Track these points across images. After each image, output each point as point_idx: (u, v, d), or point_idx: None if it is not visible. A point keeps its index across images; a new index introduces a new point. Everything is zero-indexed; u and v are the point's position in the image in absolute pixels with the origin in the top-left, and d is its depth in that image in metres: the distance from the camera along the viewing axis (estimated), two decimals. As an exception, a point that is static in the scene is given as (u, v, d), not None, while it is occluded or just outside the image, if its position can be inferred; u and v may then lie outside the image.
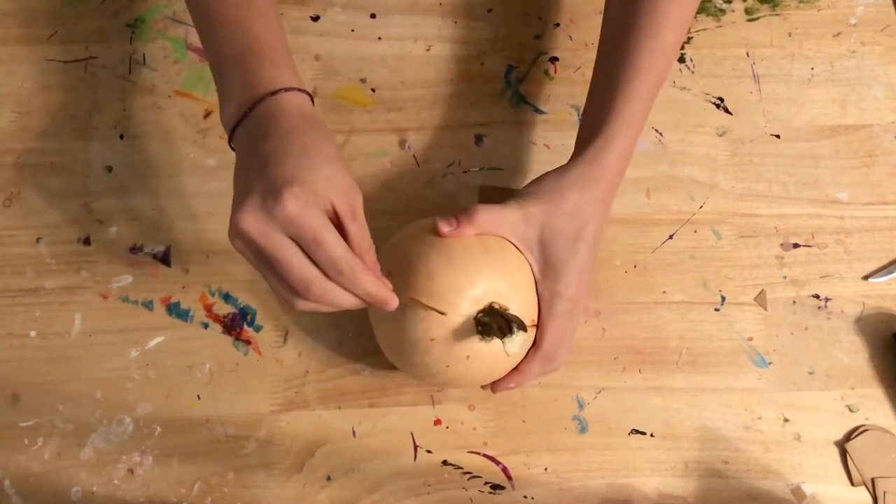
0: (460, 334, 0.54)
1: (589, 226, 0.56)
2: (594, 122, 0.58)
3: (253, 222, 0.47)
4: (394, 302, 0.51)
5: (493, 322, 0.53)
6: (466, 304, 0.54)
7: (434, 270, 0.54)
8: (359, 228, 0.49)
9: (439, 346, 0.54)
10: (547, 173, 0.58)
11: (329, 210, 0.48)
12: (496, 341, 0.53)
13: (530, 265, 0.56)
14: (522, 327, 0.53)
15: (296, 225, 0.46)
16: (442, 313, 0.53)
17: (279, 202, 0.46)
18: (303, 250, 0.48)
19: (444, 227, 0.55)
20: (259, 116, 0.51)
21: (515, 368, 0.57)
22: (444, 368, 0.55)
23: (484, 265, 0.54)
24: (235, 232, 0.47)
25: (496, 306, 0.54)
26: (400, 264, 0.55)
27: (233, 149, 0.54)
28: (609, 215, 0.59)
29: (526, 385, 0.64)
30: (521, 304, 0.55)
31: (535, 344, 0.57)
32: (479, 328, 0.53)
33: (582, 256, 0.56)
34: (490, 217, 0.56)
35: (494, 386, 0.58)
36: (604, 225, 0.57)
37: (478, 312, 0.54)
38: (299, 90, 0.53)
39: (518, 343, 0.53)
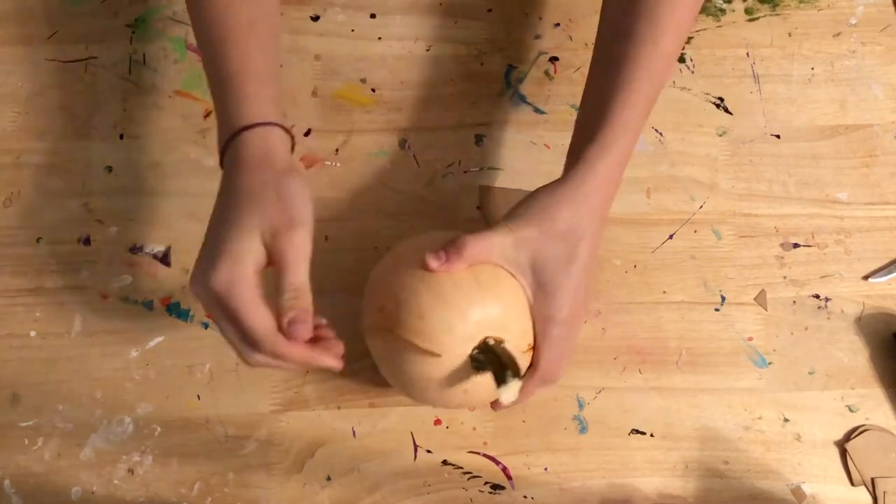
0: (456, 375, 0.53)
1: (583, 243, 0.54)
2: (588, 131, 0.56)
3: (195, 290, 0.51)
4: (334, 363, 0.52)
5: (488, 359, 0.52)
6: (460, 342, 0.53)
7: (426, 310, 0.53)
8: (282, 281, 0.50)
9: (436, 384, 0.54)
10: (538, 191, 0.56)
11: (268, 264, 0.51)
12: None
13: (524, 289, 0.55)
14: (517, 373, 0.52)
15: (221, 301, 0.49)
16: (437, 355, 0.53)
17: (209, 278, 0.49)
18: None
19: (433, 263, 0.53)
20: (231, 154, 0.54)
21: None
22: (440, 398, 0.55)
23: (476, 300, 0.53)
24: (191, 291, 0.51)
25: (490, 342, 0.53)
26: (391, 300, 0.54)
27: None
28: (605, 222, 0.57)
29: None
30: (517, 333, 0.54)
31: (532, 366, 0.55)
32: (475, 365, 0.53)
33: (575, 277, 0.54)
34: (479, 247, 0.54)
35: (494, 406, 0.59)
36: (600, 234, 0.56)
37: (473, 349, 0.53)
38: (264, 124, 0.53)
39: (513, 391, 0.52)
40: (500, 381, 0.51)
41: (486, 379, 0.53)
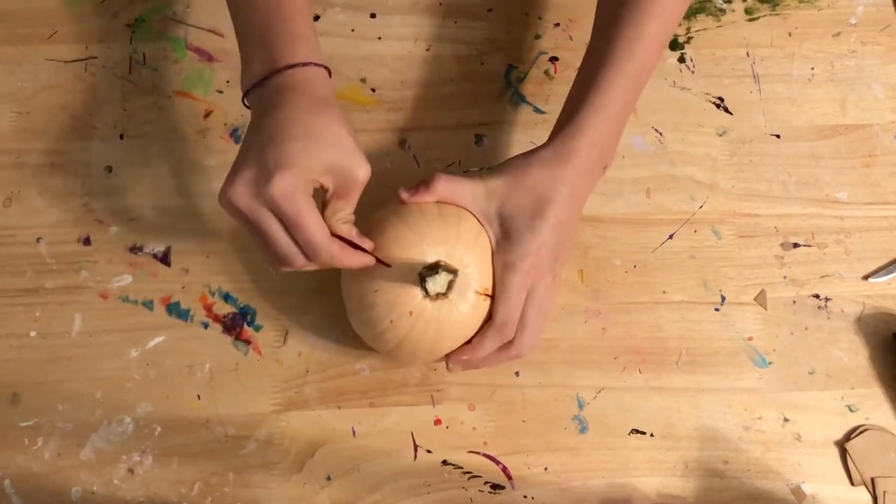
0: (402, 283, 0.54)
1: (551, 204, 0.55)
2: (568, 110, 0.58)
3: (242, 196, 0.50)
4: (369, 261, 0.54)
5: (440, 286, 0.53)
6: (414, 259, 0.54)
7: (386, 227, 0.56)
8: (339, 204, 0.53)
9: (383, 297, 0.55)
10: (516, 155, 0.58)
11: (321, 187, 0.52)
12: (441, 302, 0.54)
13: (489, 237, 0.57)
14: (451, 270, 0.53)
15: (280, 206, 0.50)
16: (387, 265, 0.54)
17: (269, 182, 0.49)
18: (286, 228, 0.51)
19: (404, 194, 0.57)
20: (274, 87, 0.53)
21: (468, 341, 0.57)
22: (389, 324, 0.55)
23: (435, 226, 0.55)
24: (226, 200, 0.51)
25: (442, 262, 0.54)
26: (364, 229, 0.56)
27: (246, 106, 0.56)
28: (581, 203, 0.58)
29: (525, 385, 0.64)
30: (473, 272, 0.55)
31: (489, 316, 0.56)
32: (422, 283, 0.53)
33: (541, 233, 0.55)
34: (451, 187, 0.57)
35: (448, 359, 0.58)
36: (572, 210, 0.57)
37: (423, 267, 0.54)
38: (316, 65, 0.54)
39: (440, 283, 0.53)
40: (431, 274, 0.52)
41: (433, 309, 0.54)
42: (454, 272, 0.54)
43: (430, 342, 0.56)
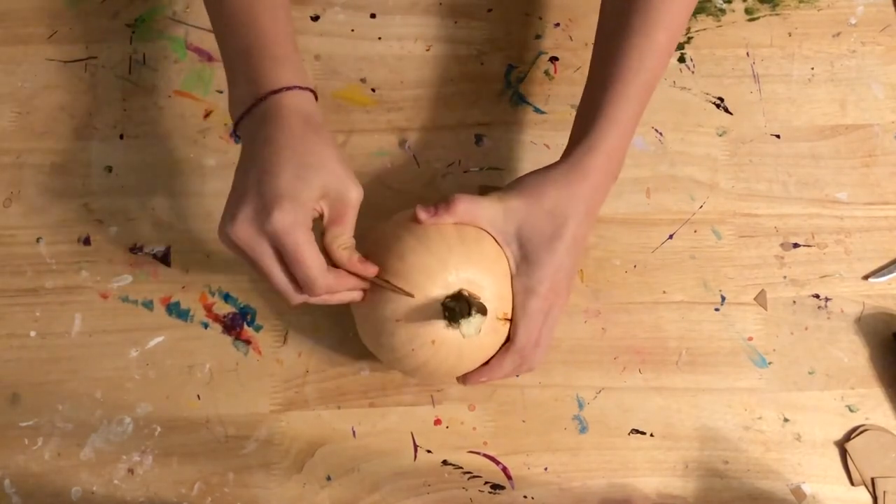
0: (425, 316, 0.53)
1: (568, 224, 0.55)
2: (583, 123, 0.58)
3: (243, 232, 0.50)
4: (359, 296, 0.55)
5: (460, 308, 0.53)
6: (435, 288, 0.54)
7: (406, 253, 0.55)
8: (337, 230, 0.53)
9: (405, 327, 0.54)
10: (532, 171, 0.58)
11: (318, 214, 0.53)
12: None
13: (507, 259, 0.56)
14: (482, 311, 0.52)
15: (280, 241, 0.50)
16: (409, 295, 0.54)
17: (269, 217, 0.49)
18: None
19: (423, 214, 0.56)
20: (261, 114, 0.53)
21: (486, 363, 0.57)
22: (410, 351, 0.55)
23: (456, 251, 0.54)
24: (225, 236, 0.51)
25: (465, 293, 0.53)
26: (377, 247, 0.56)
27: (237, 136, 0.56)
28: (595, 217, 0.58)
29: (525, 385, 0.64)
30: (494, 295, 0.55)
31: (508, 339, 0.56)
32: (446, 313, 0.53)
33: (559, 255, 0.55)
34: (470, 208, 0.56)
35: (464, 378, 0.58)
36: (588, 226, 0.57)
37: (445, 297, 0.53)
38: (301, 88, 0.54)
39: (474, 325, 0.53)
40: (465, 314, 0.52)
41: (455, 337, 0.54)
42: (484, 311, 0.52)
43: (449, 367, 0.56)
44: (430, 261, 0.54)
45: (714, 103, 0.71)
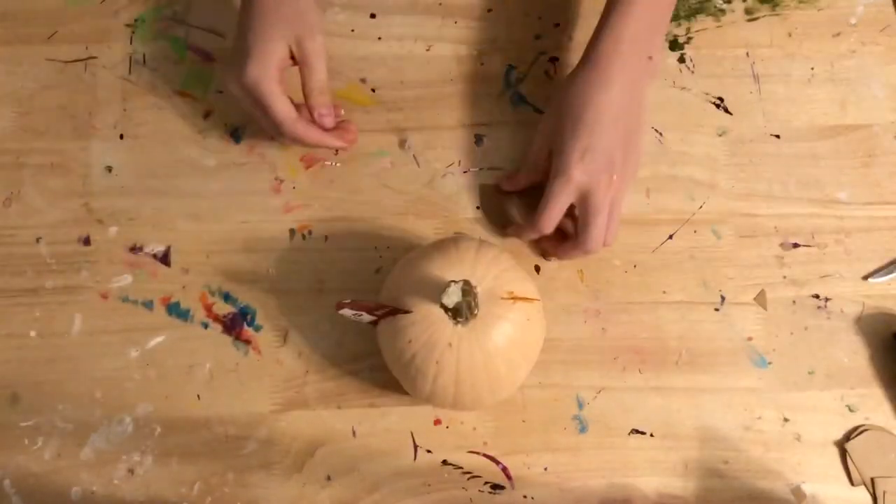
0: (430, 322, 0.54)
1: (589, 109, 0.60)
2: (601, 21, 0.63)
3: (230, 84, 0.62)
4: (340, 143, 0.66)
5: (456, 297, 0.53)
6: (426, 297, 0.55)
7: (401, 280, 0.58)
8: (304, 71, 0.62)
9: (417, 342, 0.55)
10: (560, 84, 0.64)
11: (293, 62, 0.62)
12: (473, 323, 0.54)
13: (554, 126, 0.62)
14: (466, 289, 0.53)
15: (251, 94, 0.61)
16: (407, 312, 0.55)
17: (241, 73, 0.60)
18: None
19: (505, 184, 0.66)
20: None
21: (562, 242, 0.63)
22: (436, 366, 0.55)
23: (453, 262, 0.56)
24: (225, 86, 0.64)
25: (452, 282, 0.54)
26: (385, 292, 0.59)
27: None
28: (635, 101, 0.62)
29: (525, 385, 0.64)
30: (492, 281, 0.56)
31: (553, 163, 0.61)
32: (446, 310, 0.54)
33: (583, 138, 0.60)
34: (532, 164, 0.65)
35: (531, 229, 0.63)
36: (620, 108, 0.60)
37: (439, 295, 0.54)
38: None
39: (452, 292, 0.53)
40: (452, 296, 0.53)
41: (470, 333, 0.54)
42: (465, 280, 0.53)
43: (482, 366, 0.55)
44: (419, 277, 0.56)
45: (714, 103, 0.71)
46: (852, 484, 0.63)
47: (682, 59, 0.72)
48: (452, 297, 0.53)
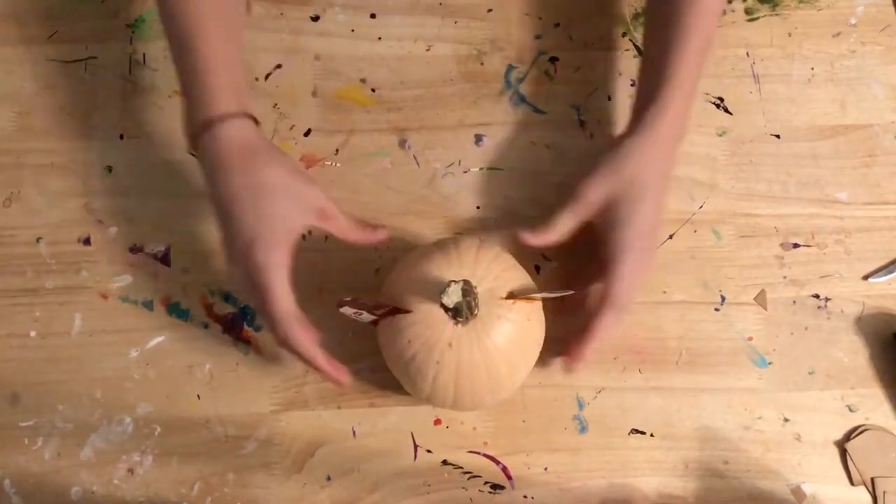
0: (430, 322, 0.55)
1: (648, 187, 0.59)
2: (648, 88, 0.61)
3: (233, 272, 0.57)
4: (340, 379, 0.59)
5: (456, 297, 0.53)
6: (426, 296, 0.55)
7: (401, 278, 0.58)
8: (331, 224, 0.59)
9: (417, 342, 0.55)
10: (608, 150, 0.60)
11: (309, 232, 0.60)
12: (474, 322, 0.54)
13: (595, 227, 0.60)
14: (465, 288, 0.53)
15: (255, 279, 0.55)
16: (407, 311, 0.55)
17: (245, 261, 0.55)
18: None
19: (530, 238, 0.60)
20: (211, 142, 0.57)
21: (588, 330, 0.59)
22: (437, 366, 0.55)
23: (454, 263, 0.56)
24: (229, 270, 0.58)
25: (453, 282, 0.54)
26: (384, 293, 0.59)
27: (192, 153, 0.59)
28: (671, 177, 0.61)
29: (525, 385, 0.64)
30: (493, 282, 0.56)
31: (608, 297, 0.58)
32: (446, 310, 0.54)
33: (644, 215, 0.59)
34: (566, 226, 0.61)
35: (572, 356, 0.60)
36: (665, 185, 0.60)
37: (439, 295, 0.54)
38: (242, 116, 0.58)
39: (453, 292, 0.53)
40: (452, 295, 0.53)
41: (470, 332, 0.54)
42: (465, 280, 0.54)
43: (482, 366, 0.55)
44: (414, 277, 0.56)
45: (714, 103, 0.71)
46: (852, 484, 0.63)
47: (682, 59, 0.72)
48: (453, 297, 0.53)
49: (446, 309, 0.54)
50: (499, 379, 0.57)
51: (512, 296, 0.56)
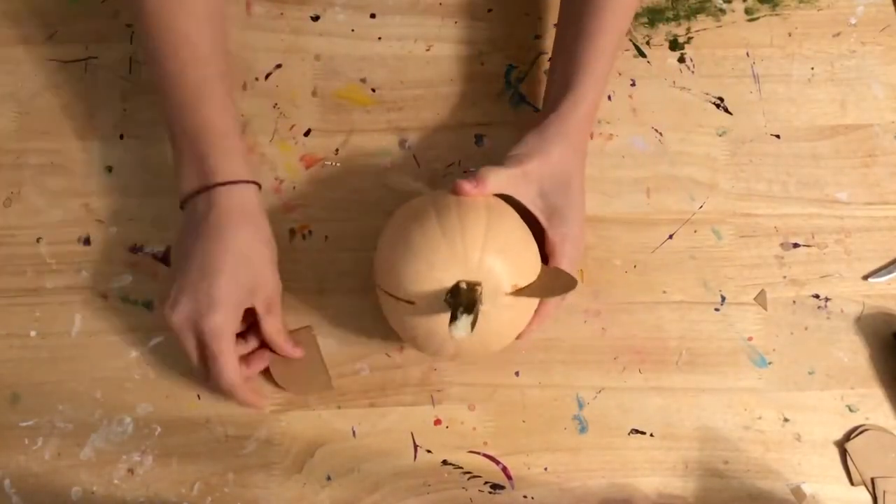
0: (431, 315, 0.55)
1: (574, 173, 0.61)
2: (564, 77, 0.62)
3: (179, 324, 0.58)
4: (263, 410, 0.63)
5: (457, 301, 0.53)
6: (432, 290, 0.55)
7: (397, 262, 0.56)
8: (270, 320, 0.61)
9: (420, 332, 0.56)
10: (528, 134, 0.61)
11: (249, 309, 0.60)
12: (481, 308, 0.54)
13: (539, 217, 0.60)
14: (469, 309, 0.52)
15: (207, 342, 0.57)
16: (410, 303, 0.55)
17: (202, 320, 0.57)
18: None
19: (466, 186, 0.58)
20: (207, 202, 0.59)
21: (536, 313, 0.60)
22: (441, 345, 0.57)
23: (443, 248, 0.55)
24: (166, 319, 0.58)
25: (462, 285, 0.54)
26: (378, 257, 0.59)
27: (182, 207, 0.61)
28: (586, 158, 0.63)
29: (525, 385, 0.64)
30: (501, 273, 0.55)
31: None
32: (448, 299, 0.54)
33: (575, 202, 0.61)
34: (498, 179, 0.59)
35: (521, 337, 0.61)
36: (583, 169, 0.62)
37: (446, 295, 0.54)
38: (247, 182, 0.60)
39: (462, 328, 0.52)
40: (453, 319, 0.52)
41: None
42: (470, 310, 0.52)
43: (481, 349, 0.58)
44: (418, 265, 0.55)
45: (714, 103, 0.71)
46: (852, 484, 0.63)
47: (682, 59, 0.72)
48: (460, 329, 0.52)
49: (448, 305, 0.54)
50: (496, 348, 0.59)
51: (516, 289, 0.56)
